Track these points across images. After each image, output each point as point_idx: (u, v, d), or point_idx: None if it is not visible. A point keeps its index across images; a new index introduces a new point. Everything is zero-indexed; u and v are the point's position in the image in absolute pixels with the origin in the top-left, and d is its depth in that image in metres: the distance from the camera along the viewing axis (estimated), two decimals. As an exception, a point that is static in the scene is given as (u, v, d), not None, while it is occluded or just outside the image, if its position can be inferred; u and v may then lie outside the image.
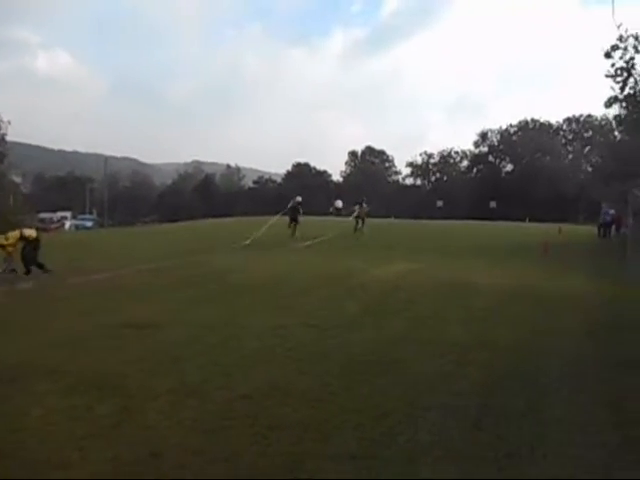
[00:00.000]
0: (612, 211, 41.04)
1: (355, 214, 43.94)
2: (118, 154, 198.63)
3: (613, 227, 41.78)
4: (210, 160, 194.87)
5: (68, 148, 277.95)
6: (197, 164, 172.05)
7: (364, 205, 43.07)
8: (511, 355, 9.60)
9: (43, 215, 75.69)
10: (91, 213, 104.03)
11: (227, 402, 6.99)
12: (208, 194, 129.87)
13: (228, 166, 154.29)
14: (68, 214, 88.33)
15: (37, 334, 10.55)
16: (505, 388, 7.83)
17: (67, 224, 78.58)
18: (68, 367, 8.28)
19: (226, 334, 10.69)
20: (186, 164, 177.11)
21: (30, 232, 19.13)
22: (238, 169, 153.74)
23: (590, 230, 45.78)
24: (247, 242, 30.13)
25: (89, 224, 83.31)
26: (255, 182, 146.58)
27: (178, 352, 9.30)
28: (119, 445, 5.76)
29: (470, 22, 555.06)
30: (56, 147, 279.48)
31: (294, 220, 38.06)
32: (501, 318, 12.74)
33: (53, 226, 69.58)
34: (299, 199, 39.78)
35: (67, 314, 12.45)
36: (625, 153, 32.35)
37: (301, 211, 38.81)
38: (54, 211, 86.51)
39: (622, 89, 17.63)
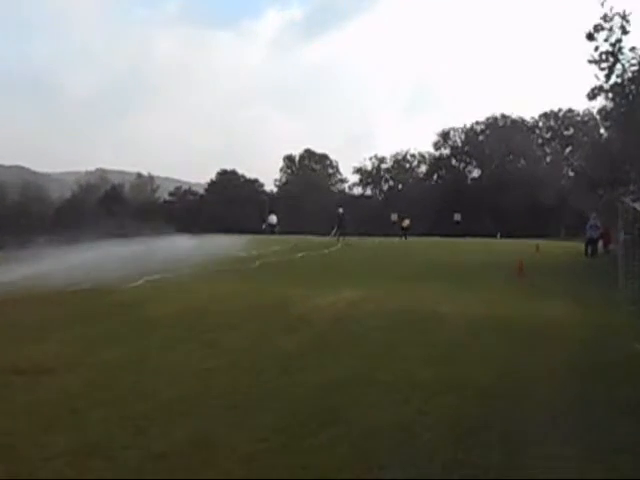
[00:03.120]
0: (599, 223, 41.26)
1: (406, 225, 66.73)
2: (6, 162, 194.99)
3: (600, 243, 42.05)
4: (117, 168, 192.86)
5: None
6: (102, 173, 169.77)
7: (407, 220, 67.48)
8: (483, 400, 9.60)
9: None
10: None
11: (139, 463, 6.87)
12: (116, 208, 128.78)
13: (139, 175, 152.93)
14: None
15: None
16: (477, 441, 7.82)
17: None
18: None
19: (138, 379, 10.56)
20: (89, 173, 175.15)
21: None
22: (151, 178, 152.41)
23: (574, 247, 46.29)
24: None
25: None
26: (172, 194, 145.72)
27: (78, 402, 9.13)
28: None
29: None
30: None
31: (340, 230, 54.60)
32: (470, 355, 12.80)
33: None
34: (341, 210, 55.98)
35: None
36: (613, 154, 32.65)
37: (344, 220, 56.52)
38: None
39: (608, 77, 17.78)
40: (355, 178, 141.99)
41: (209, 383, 10.34)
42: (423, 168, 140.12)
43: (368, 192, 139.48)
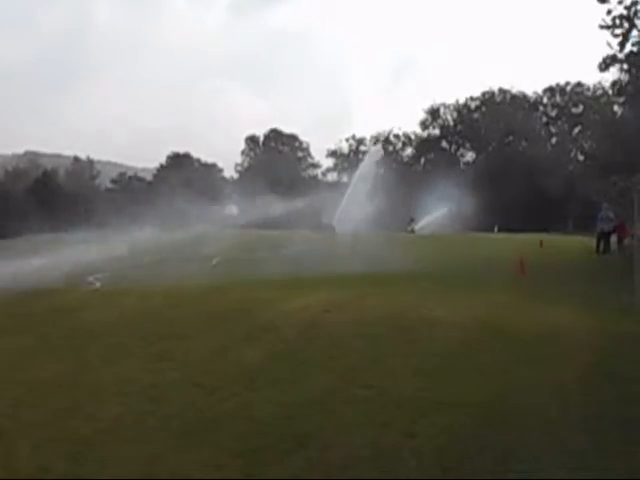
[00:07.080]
0: (612, 215, 41.03)
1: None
2: None
3: (614, 238, 41.85)
4: (50, 151, 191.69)
5: None
6: (32, 156, 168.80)
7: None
8: (479, 421, 9.57)
9: None
10: None
11: (76, 498, 6.80)
12: (48, 197, 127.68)
13: (76, 159, 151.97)
14: None
15: None
16: (471, 469, 7.78)
17: None
18: None
19: (75, 397, 10.49)
20: (16, 156, 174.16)
21: None
22: (90, 163, 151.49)
23: (583, 242, 46.38)
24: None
25: None
26: (115, 181, 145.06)
27: (4, 426, 9.04)
28: None
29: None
30: None
31: None
32: (464, 368, 12.77)
33: None
34: None
35: None
36: (629, 134, 32.58)
37: None
38: None
39: (622, 45, 17.56)
40: (329, 163, 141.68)
41: (159, 402, 10.26)
42: (409, 151, 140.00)
43: (344, 179, 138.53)
